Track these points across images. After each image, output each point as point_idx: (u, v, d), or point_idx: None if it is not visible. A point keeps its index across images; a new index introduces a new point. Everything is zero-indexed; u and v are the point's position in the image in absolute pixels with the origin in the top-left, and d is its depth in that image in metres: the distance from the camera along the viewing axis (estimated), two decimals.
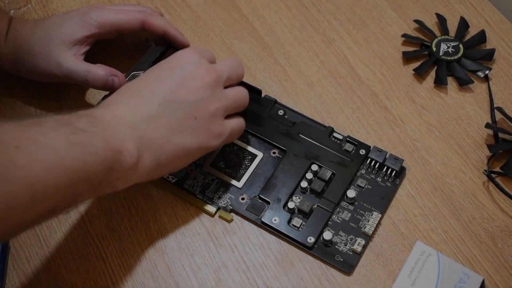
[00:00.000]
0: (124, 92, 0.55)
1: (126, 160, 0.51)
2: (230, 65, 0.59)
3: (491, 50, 0.70)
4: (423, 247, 0.56)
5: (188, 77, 0.55)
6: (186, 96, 0.55)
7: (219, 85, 0.57)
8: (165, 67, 0.56)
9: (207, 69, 0.56)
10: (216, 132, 0.56)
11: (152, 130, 0.53)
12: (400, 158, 0.62)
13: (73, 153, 0.47)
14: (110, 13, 0.65)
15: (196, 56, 0.57)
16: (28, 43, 0.63)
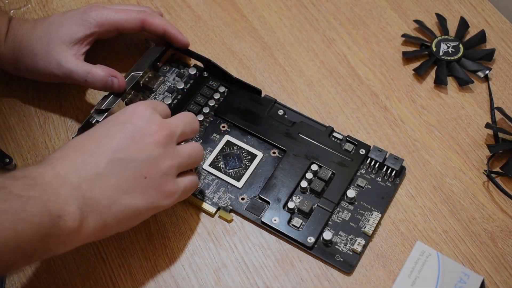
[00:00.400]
0: (70, 148, 0.52)
1: (66, 225, 0.47)
2: (184, 120, 0.56)
3: (491, 50, 0.70)
4: (423, 247, 0.56)
5: (139, 133, 0.52)
6: (136, 154, 0.52)
7: (171, 141, 0.54)
8: (116, 121, 0.53)
9: (160, 125, 0.53)
10: (168, 191, 0.53)
11: (98, 191, 0.50)
12: (400, 158, 0.62)
13: (2, 221, 0.44)
14: (110, 12, 0.65)
15: (148, 111, 0.54)
16: (28, 42, 0.63)
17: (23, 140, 0.65)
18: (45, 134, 0.65)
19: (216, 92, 0.67)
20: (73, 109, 0.67)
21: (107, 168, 0.50)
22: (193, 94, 0.67)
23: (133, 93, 0.66)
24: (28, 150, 0.64)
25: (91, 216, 0.49)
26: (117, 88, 0.63)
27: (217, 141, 0.64)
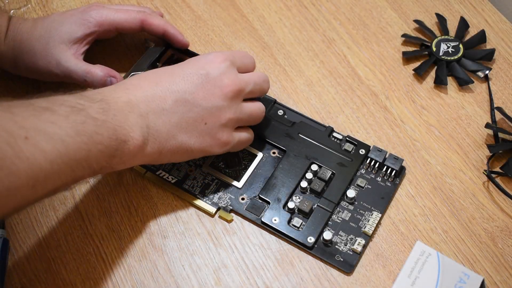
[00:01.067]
0: (146, 78, 0.56)
1: (129, 149, 0.52)
2: (256, 80, 0.60)
3: (491, 50, 0.70)
4: (423, 247, 0.56)
5: (210, 83, 0.56)
6: (202, 101, 0.56)
7: (238, 97, 0.58)
8: (194, 66, 0.57)
9: (232, 80, 0.57)
10: (222, 141, 0.57)
11: (161, 123, 0.54)
12: (399, 158, 0.62)
13: (78, 143, 0.48)
14: (110, 12, 0.65)
15: (225, 64, 0.58)
16: (28, 41, 0.63)
17: None
18: None
19: None
20: None
21: (173, 106, 0.55)
22: None
23: None
24: None
25: (150, 143, 0.54)
26: None
27: None
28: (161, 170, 0.62)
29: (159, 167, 0.62)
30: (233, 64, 0.58)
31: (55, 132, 0.47)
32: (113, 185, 0.62)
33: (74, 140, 0.48)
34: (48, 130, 0.47)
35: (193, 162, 0.63)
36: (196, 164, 0.63)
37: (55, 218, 0.61)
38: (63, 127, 0.48)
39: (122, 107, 0.53)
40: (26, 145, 0.45)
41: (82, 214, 0.61)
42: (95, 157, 0.50)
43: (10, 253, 0.59)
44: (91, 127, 0.50)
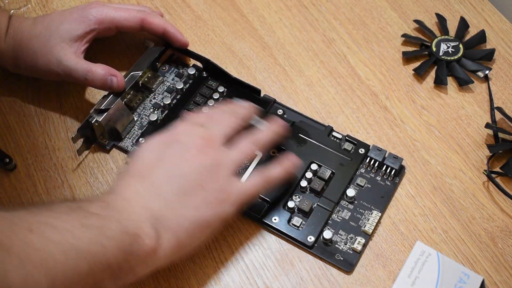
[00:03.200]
0: (128, 176, 0.53)
1: (145, 242, 0.49)
2: (223, 122, 0.57)
3: (491, 50, 0.69)
4: (423, 247, 0.56)
5: (185, 149, 0.54)
6: (188, 168, 0.53)
7: (216, 147, 0.55)
8: (163, 142, 0.55)
9: (203, 138, 0.55)
10: (226, 197, 0.54)
11: (165, 209, 0.51)
12: (399, 157, 0.62)
13: (88, 235, 0.46)
14: (110, 10, 0.65)
15: (188, 127, 0.56)
16: (28, 39, 0.63)
17: (23, 140, 0.65)
18: (45, 134, 0.65)
19: (215, 92, 0.67)
20: (73, 109, 0.67)
21: (167, 187, 0.52)
22: (192, 94, 0.66)
23: (132, 93, 0.66)
24: (28, 150, 0.64)
25: (164, 234, 0.50)
26: (116, 88, 0.63)
27: None
28: None
29: None
30: (196, 123, 0.57)
31: (59, 225, 0.45)
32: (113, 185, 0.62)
33: (83, 232, 0.46)
34: (51, 222, 0.45)
35: None
36: None
37: None
38: (67, 220, 0.46)
39: (122, 204, 0.50)
40: (33, 236, 0.43)
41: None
42: (112, 254, 0.46)
43: None
44: (96, 221, 0.47)
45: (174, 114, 0.65)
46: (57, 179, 0.63)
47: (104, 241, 0.46)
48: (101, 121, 0.61)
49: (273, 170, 0.57)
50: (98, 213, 0.48)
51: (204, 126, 0.57)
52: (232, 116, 0.58)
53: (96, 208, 0.48)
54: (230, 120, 0.58)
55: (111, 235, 0.47)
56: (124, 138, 0.64)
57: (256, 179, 0.56)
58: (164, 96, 0.67)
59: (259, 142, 0.58)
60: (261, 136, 0.58)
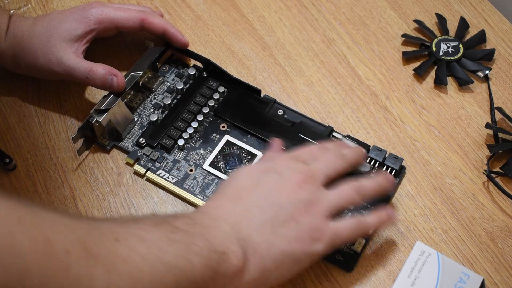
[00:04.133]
0: (223, 198, 0.53)
1: (232, 262, 0.48)
2: (326, 163, 0.55)
3: (491, 50, 0.69)
4: (423, 247, 0.56)
5: (285, 181, 0.53)
6: (285, 200, 0.52)
7: (315, 186, 0.53)
8: (262, 170, 0.54)
9: (303, 173, 0.54)
10: (319, 235, 0.52)
11: (256, 234, 0.50)
12: (399, 157, 0.62)
13: (175, 250, 0.45)
14: (110, 10, 0.65)
15: (290, 160, 0.55)
16: (28, 39, 0.63)
17: (23, 140, 0.65)
18: (45, 134, 0.65)
19: (215, 92, 0.67)
20: (73, 109, 0.67)
21: (260, 214, 0.51)
22: (192, 94, 0.66)
23: (133, 93, 0.66)
24: (28, 150, 0.64)
25: (252, 258, 0.49)
26: (116, 87, 0.63)
27: (217, 141, 0.64)
28: (161, 170, 0.62)
29: (159, 167, 0.62)
30: (298, 159, 0.55)
31: (146, 237, 0.44)
32: (113, 185, 0.62)
33: (170, 246, 0.45)
34: (138, 234, 0.44)
35: (193, 161, 0.63)
36: (196, 164, 0.63)
37: None
38: (154, 233, 0.45)
39: (209, 223, 0.49)
40: (120, 246, 0.42)
41: (83, 214, 0.61)
42: (198, 270, 0.46)
43: None
44: (183, 237, 0.46)
45: (175, 114, 0.65)
46: (57, 179, 0.63)
47: (191, 257, 0.45)
48: (101, 121, 0.61)
49: (369, 218, 0.55)
50: (185, 229, 0.47)
51: (306, 163, 0.55)
52: (339, 158, 0.56)
53: (182, 224, 0.48)
54: (336, 161, 0.56)
55: (198, 252, 0.46)
56: (124, 138, 0.64)
57: (350, 223, 0.54)
58: (165, 96, 0.67)
59: (361, 191, 0.55)
60: (365, 184, 0.55)
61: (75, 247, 0.40)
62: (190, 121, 0.65)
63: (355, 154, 0.58)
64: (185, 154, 0.63)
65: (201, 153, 0.63)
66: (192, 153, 0.63)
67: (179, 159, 0.63)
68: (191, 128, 0.64)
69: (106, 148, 0.64)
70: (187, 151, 0.64)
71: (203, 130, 0.65)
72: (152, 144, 0.63)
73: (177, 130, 0.64)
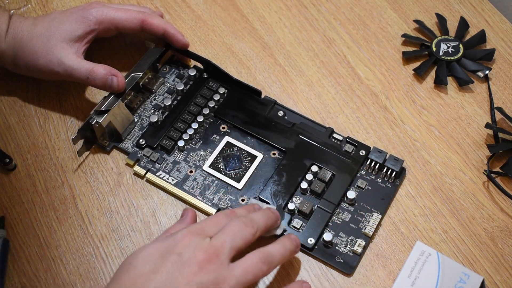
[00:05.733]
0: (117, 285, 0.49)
1: None
2: (231, 235, 0.51)
3: (491, 50, 0.70)
4: (423, 247, 0.56)
5: (186, 264, 0.49)
6: (186, 285, 0.48)
7: (221, 263, 0.50)
8: (161, 253, 0.50)
9: (206, 251, 0.50)
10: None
11: None
12: (400, 159, 0.62)
13: None
14: (110, 10, 0.65)
15: (194, 239, 0.50)
16: (28, 39, 0.63)
17: (23, 140, 0.65)
18: (45, 134, 0.65)
19: (216, 93, 0.67)
20: (73, 109, 0.67)
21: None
22: (193, 95, 0.66)
23: (133, 94, 0.66)
24: (28, 150, 0.64)
25: None
26: (116, 87, 0.63)
27: (217, 142, 0.64)
28: (161, 171, 0.62)
29: (159, 168, 0.62)
30: (201, 234, 0.51)
31: None
32: (113, 185, 0.62)
33: None
34: None
35: (193, 163, 0.63)
36: (196, 165, 0.63)
37: (55, 218, 0.61)
38: None
39: None
40: None
41: (82, 214, 0.61)
42: None
43: (10, 253, 0.59)
44: None
45: (175, 115, 0.65)
46: (57, 179, 0.63)
47: None
48: (101, 122, 0.61)
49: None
50: None
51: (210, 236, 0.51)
52: (247, 225, 0.52)
53: None
54: (243, 229, 0.52)
55: None
56: (125, 139, 0.64)
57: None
58: (165, 97, 0.67)
59: (269, 260, 0.51)
60: (272, 252, 0.52)
61: None
62: (190, 122, 0.65)
63: (266, 218, 0.54)
64: (185, 155, 0.63)
65: (201, 154, 0.63)
66: (192, 154, 0.63)
67: (179, 160, 0.63)
68: (191, 129, 0.64)
69: (106, 149, 0.64)
70: (187, 152, 0.64)
71: (203, 131, 0.65)
72: (152, 145, 0.63)
73: (177, 131, 0.64)
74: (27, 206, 0.61)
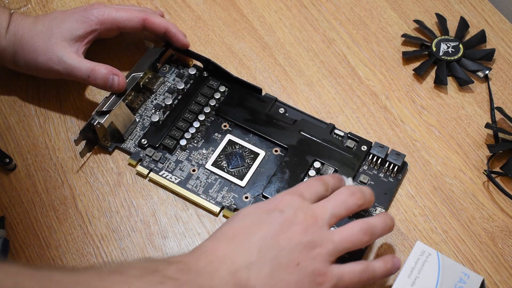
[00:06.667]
0: (220, 238, 0.51)
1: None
2: (333, 203, 0.53)
3: (491, 50, 0.70)
4: (423, 247, 0.56)
5: (287, 222, 0.51)
6: (286, 242, 0.50)
7: (320, 228, 0.51)
8: (263, 210, 0.52)
9: (307, 213, 0.51)
10: (321, 279, 0.50)
11: (254, 278, 0.48)
12: (401, 153, 0.62)
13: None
14: (111, 10, 0.65)
15: (296, 200, 0.52)
16: (29, 37, 0.63)
17: (23, 140, 0.65)
18: (45, 134, 0.65)
19: (216, 92, 0.67)
20: (73, 109, 0.67)
21: (259, 256, 0.49)
22: (193, 94, 0.66)
23: (134, 94, 0.66)
24: (28, 150, 0.64)
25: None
26: (117, 87, 0.63)
27: (219, 141, 0.64)
28: (164, 171, 0.62)
29: (162, 167, 0.62)
30: (303, 197, 0.53)
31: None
32: (113, 185, 0.62)
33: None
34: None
35: (195, 161, 0.63)
36: (199, 164, 0.63)
37: (55, 218, 0.61)
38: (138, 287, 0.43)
39: (204, 267, 0.48)
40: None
41: (82, 214, 0.61)
42: None
43: (10, 253, 0.59)
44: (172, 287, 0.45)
45: (176, 114, 0.65)
46: (57, 179, 0.63)
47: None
48: (103, 123, 0.61)
49: (377, 265, 0.53)
50: (177, 278, 0.45)
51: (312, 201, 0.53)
52: (357, 195, 0.54)
53: (174, 271, 0.46)
54: (351, 200, 0.53)
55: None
56: (126, 140, 0.64)
57: (356, 269, 0.52)
58: (166, 97, 0.67)
59: (371, 231, 0.52)
60: (375, 224, 0.53)
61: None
62: (192, 121, 0.65)
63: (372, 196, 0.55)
64: (188, 154, 0.63)
65: (204, 153, 0.63)
66: (195, 153, 0.63)
67: (181, 159, 0.63)
68: (193, 128, 0.64)
69: (108, 150, 0.64)
70: (189, 151, 0.64)
71: (205, 129, 0.65)
72: (154, 144, 0.63)
73: (179, 130, 0.64)
74: (27, 206, 0.61)
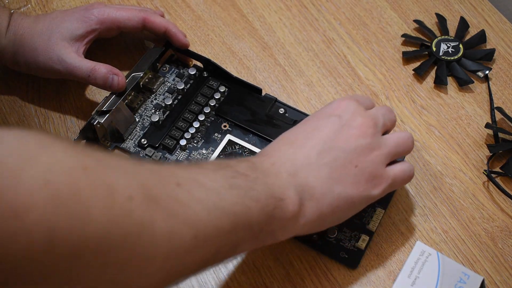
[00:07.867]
0: (281, 142, 0.54)
1: (288, 208, 0.49)
2: (383, 112, 0.57)
3: (491, 50, 0.70)
4: (423, 247, 0.56)
5: (346, 126, 0.53)
6: (345, 144, 0.53)
7: (377, 132, 0.54)
8: (322, 115, 0.55)
9: (364, 117, 0.54)
10: (378, 181, 0.53)
11: (312, 179, 0.51)
12: None
13: (234, 196, 0.46)
14: (112, 10, 0.65)
15: (353, 104, 0.55)
16: (29, 36, 0.63)
17: None
18: None
19: (216, 92, 0.67)
20: (73, 109, 0.67)
21: (318, 158, 0.52)
22: (193, 94, 0.67)
23: (134, 94, 0.66)
24: None
25: (308, 203, 0.51)
26: (117, 86, 0.63)
27: (218, 141, 0.64)
28: None
29: None
30: (359, 102, 0.56)
31: (206, 183, 0.45)
32: None
33: (229, 192, 0.46)
34: (199, 179, 0.45)
35: None
36: None
37: None
38: (215, 179, 0.46)
39: (268, 168, 0.50)
40: (180, 191, 0.43)
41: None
42: (254, 215, 0.47)
43: None
44: (243, 182, 0.47)
45: (176, 114, 0.65)
46: None
47: (248, 202, 0.47)
48: (103, 122, 0.61)
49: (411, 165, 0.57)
50: (246, 174, 0.48)
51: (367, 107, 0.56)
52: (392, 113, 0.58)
53: (244, 168, 0.49)
54: (391, 115, 0.58)
55: (256, 197, 0.47)
56: (126, 140, 0.64)
57: (404, 168, 0.55)
58: (166, 97, 0.67)
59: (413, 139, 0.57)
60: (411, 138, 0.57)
61: (137, 192, 0.40)
62: (192, 121, 0.65)
63: None
64: (187, 154, 0.63)
65: (203, 153, 0.64)
66: (194, 153, 0.64)
67: (181, 159, 0.63)
68: (193, 128, 0.64)
69: (108, 150, 0.64)
70: (189, 151, 0.64)
71: (204, 130, 0.65)
72: (154, 144, 0.63)
73: (179, 130, 0.64)
74: None
